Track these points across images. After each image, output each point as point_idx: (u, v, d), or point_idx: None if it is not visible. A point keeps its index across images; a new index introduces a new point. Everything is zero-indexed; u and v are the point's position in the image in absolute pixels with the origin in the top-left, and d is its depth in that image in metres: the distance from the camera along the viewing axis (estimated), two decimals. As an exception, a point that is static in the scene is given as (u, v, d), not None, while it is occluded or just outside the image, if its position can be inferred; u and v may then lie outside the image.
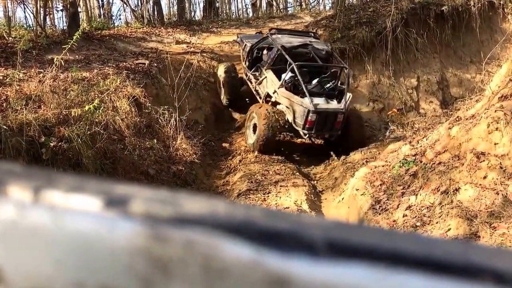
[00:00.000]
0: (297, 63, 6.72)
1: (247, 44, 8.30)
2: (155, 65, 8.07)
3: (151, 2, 13.05)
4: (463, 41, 9.94)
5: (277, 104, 7.00)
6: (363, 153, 6.47)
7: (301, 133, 6.73)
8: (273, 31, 8.04)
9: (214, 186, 6.06)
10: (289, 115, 6.74)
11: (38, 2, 9.01)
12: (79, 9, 11.76)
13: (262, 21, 13.57)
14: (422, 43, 9.57)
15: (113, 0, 27.22)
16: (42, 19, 9.25)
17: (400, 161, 5.08)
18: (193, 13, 17.49)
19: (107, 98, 5.92)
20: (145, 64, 8.02)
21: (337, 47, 8.81)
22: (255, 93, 7.75)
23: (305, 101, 6.51)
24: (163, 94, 7.49)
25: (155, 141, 6.09)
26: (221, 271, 0.27)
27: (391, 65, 9.20)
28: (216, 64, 9.16)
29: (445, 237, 3.54)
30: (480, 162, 4.12)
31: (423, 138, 5.50)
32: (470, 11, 9.74)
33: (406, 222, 4.08)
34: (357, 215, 4.73)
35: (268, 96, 7.24)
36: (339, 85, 7.01)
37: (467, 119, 4.86)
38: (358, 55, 9.10)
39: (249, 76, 7.94)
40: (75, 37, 6.01)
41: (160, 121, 6.49)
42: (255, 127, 6.78)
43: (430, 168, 4.59)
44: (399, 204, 4.40)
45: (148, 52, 9.10)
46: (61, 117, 5.12)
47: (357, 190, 5.01)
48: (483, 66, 7.85)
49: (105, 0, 16.30)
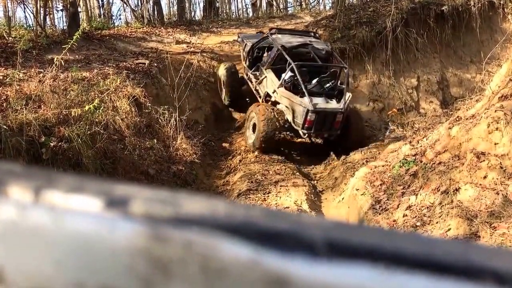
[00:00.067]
0: (296, 62, 6.72)
1: (247, 44, 8.30)
2: (155, 65, 8.07)
3: (151, 2, 13.05)
4: (463, 41, 9.94)
5: (276, 103, 7.00)
6: (363, 153, 6.47)
7: (300, 132, 6.73)
8: (273, 30, 8.04)
9: (214, 186, 6.06)
10: (288, 115, 6.74)
11: (38, 2, 9.01)
12: (79, 9, 11.76)
13: (262, 21, 13.57)
14: (422, 43, 9.57)
15: (113, 0, 27.22)
16: (42, 19, 9.25)
17: (400, 161, 5.08)
18: (193, 13, 17.50)
19: (107, 98, 5.92)
20: (145, 64, 8.02)
21: (337, 47, 8.80)
22: (255, 92, 7.75)
23: (304, 100, 6.51)
24: (163, 94, 7.49)
25: (155, 141, 6.09)
26: (220, 271, 0.27)
27: (391, 65, 9.20)
28: (216, 64, 9.16)
29: (445, 237, 3.53)
30: (480, 162, 4.12)
31: (423, 138, 5.49)
32: (470, 11, 9.74)
33: (406, 222, 4.08)
34: (357, 215, 4.73)
35: (268, 96, 7.25)
36: (339, 84, 7.01)
37: (467, 119, 4.86)
38: (358, 55, 9.10)
39: (249, 75, 7.94)
40: (75, 37, 6.01)
41: (160, 121, 6.49)
42: (254, 127, 6.78)
43: (430, 168, 4.58)
44: (399, 204, 4.40)
45: (148, 52, 9.10)
46: (61, 117, 5.12)
47: (357, 190, 5.01)
48: (483, 66, 7.85)
49: (105, 0, 16.31)
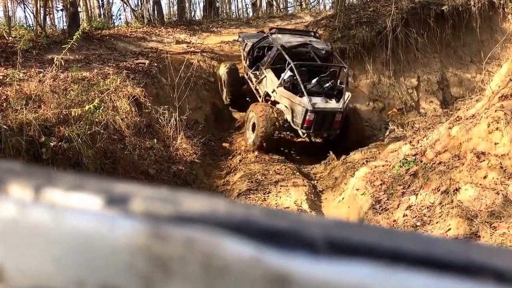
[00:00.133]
0: (295, 62, 6.72)
1: (248, 43, 8.31)
2: (155, 64, 8.07)
3: (151, 1, 13.05)
4: (463, 41, 9.94)
5: (276, 103, 7.00)
6: (363, 152, 6.46)
7: (299, 132, 6.73)
8: (274, 30, 8.05)
9: (214, 186, 6.06)
10: (287, 114, 6.75)
11: (38, 2, 9.01)
12: (79, 9, 11.76)
13: (262, 21, 13.57)
14: (422, 43, 9.57)
15: (113, 0, 27.21)
16: (42, 19, 9.25)
17: (400, 160, 5.08)
18: (193, 12, 17.51)
19: (107, 98, 5.92)
20: (145, 64, 8.02)
21: (337, 46, 8.80)
22: (255, 92, 7.75)
23: (304, 100, 6.51)
24: (163, 93, 7.49)
25: (155, 140, 6.09)
26: (221, 269, 0.27)
27: (391, 65, 9.20)
28: (216, 63, 9.16)
29: (445, 237, 3.53)
30: (480, 162, 4.12)
31: (423, 138, 5.49)
32: (470, 11, 9.74)
33: (406, 222, 4.08)
34: (357, 215, 4.73)
35: (267, 95, 7.25)
36: (339, 84, 7.01)
37: (467, 118, 4.86)
38: (358, 54, 9.10)
39: (249, 75, 7.95)
40: (75, 37, 6.01)
41: (160, 120, 6.49)
42: (254, 126, 6.79)
43: (430, 168, 4.58)
44: (399, 204, 4.40)
45: (148, 52, 9.10)
46: (61, 117, 5.11)
47: (357, 190, 5.01)
48: (483, 65, 7.85)
49: (105, 0, 16.32)
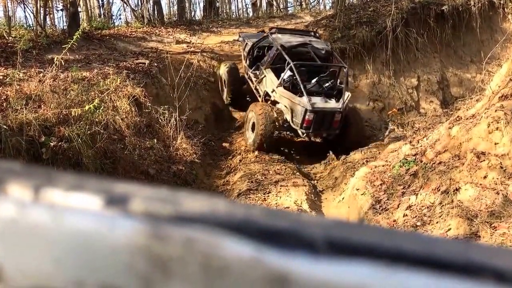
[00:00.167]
0: (295, 62, 6.72)
1: (248, 43, 8.31)
2: (155, 64, 8.07)
3: (151, 1, 13.05)
4: (464, 41, 9.93)
5: (276, 103, 7.01)
6: (363, 152, 6.46)
7: (299, 132, 6.74)
8: (274, 30, 8.05)
9: (214, 186, 6.06)
10: (287, 114, 6.75)
11: (38, 2, 9.00)
12: (79, 9, 11.76)
13: (262, 21, 13.57)
14: (422, 43, 9.56)
15: (113, 0, 27.21)
16: (42, 18, 9.25)
17: (400, 160, 5.08)
18: (193, 12, 17.51)
19: (107, 98, 5.92)
20: (145, 63, 8.02)
21: (338, 46, 8.80)
22: (255, 91, 7.76)
23: (303, 100, 6.52)
24: (163, 93, 7.49)
25: (155, 140, 6.09)
26: (221, 269, 0.27)
27: (391, 65, 9.19)
28: (216, 63, 9.16)
29: (445, 237, 3.53)
30: (481, 162, 4.12)
31: (423, 137, 5.49)
32: (470, 11, 9.74)
33: (407, 222, 4.08)
34: (357, 215, 4.73)
35: (267, 95, 7.26)
36: (338, 84, 7.01)
37: (467, 118, 4.86)
38: (359, 54, 9.10)
39: (249, 74, 7.95)
40: (75, 37, 6.00)
41: (160, 120, 6.49)
42: (253, 126, 6.79)
43: (431, 167, 4.58)
44: (399, 204, 4.40)
45: (148, 51, 9.10)
46: (61, 116, 5.11)
47: (357, 189, 5.01)
48: (483, 65, 7.85)
49: (105, 0, 16.32)
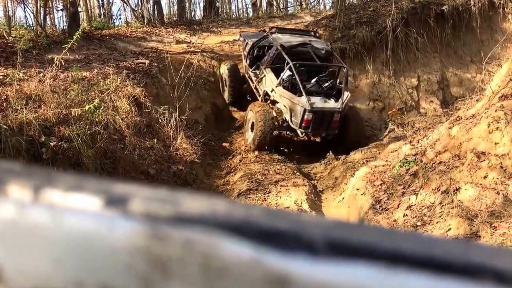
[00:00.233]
0: (294, 62, 6.73)
1: (248, 43, 8.32)
2: (155, 64, 8.07)
3: (151, 1, 13.05)
4: (464, 41, 9.93)
5: (275, 102, 7.02)
6: (363, 152, 6.47)
7: (298, 131, 6.75)
8: (274, 30, 8.06)
9: (214, 186, 6.06)
10: (286, 114, 6.76)
11: (38, 1, 9.00)
12: (79, 9, 11.76)
13: (262, 21, 13.57)
14: (422, 43, 9.56)
15: (113, 0, 27.20)
16: (42, 18, 9.24)
17: (400, 160, 5.08)
18: (193, 12, 17.52)
19: (107, 98, 5.92)
20: (145, 63, 8.02)
21: (338, 46, 8.80)
22: (255, 91, 7.77)
23: (302, 100, 6.53)
24: (163, 93, 7.49)
25: (155, 140, 6.09)
26: (220, 270, 0.27)
27: (391, 65, 9.19)
28: (216, 63, 9.17)
29: (445, 237, 3.53)
30: (481, 162, 4.12)
31: (423, 137, 5.49)
32: (470, 11, 9.74)
33: (407, 222, 4.08)
34: (357, 215, 4.73)
35: (266, 95, 7.27)
36: (338, 84, 7.01)
37: (467, 118, 4.86)
38: (359, 54, 9.10)
39: (249, 74, 7.96)
40: (75, 37, 6.00)
41: (160, 120, 6.49)
42: (253, 126, 6.80)
43: (431, 167, 4.58)
44: (399, 204, 4.40)
45: (148, 51, 9.10)
46: (61, 116, 5.11)
47: (357, 189, 5.01)
48: (483, 65, 7.85)
49: (105, 0, 16.31)
